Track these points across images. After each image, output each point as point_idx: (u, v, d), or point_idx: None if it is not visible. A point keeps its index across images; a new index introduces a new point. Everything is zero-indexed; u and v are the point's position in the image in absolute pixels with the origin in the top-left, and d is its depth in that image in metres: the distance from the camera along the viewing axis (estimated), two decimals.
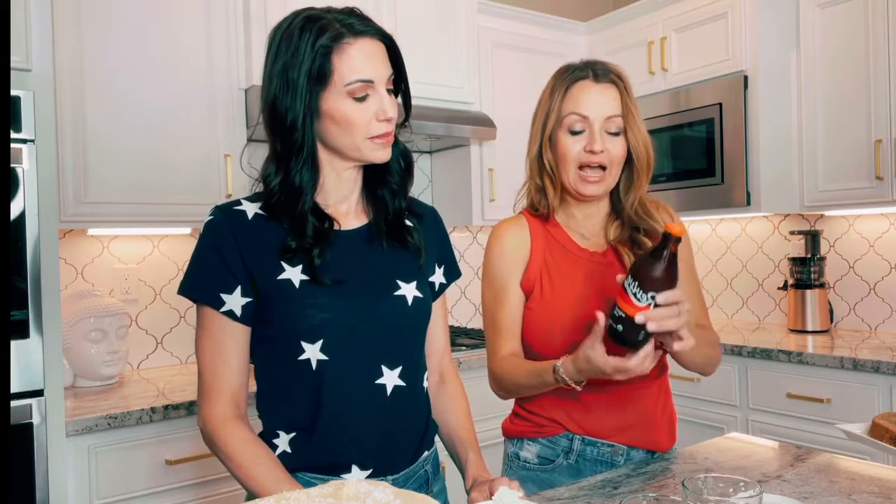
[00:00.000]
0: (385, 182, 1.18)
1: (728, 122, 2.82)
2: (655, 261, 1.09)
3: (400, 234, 1.18)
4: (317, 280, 1.07)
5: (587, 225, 1.40)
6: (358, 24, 1.07)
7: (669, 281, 1.09)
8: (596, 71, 1.33)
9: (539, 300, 1.36)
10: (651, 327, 1.08)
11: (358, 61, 1.05)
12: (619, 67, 1.36)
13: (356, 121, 1.06)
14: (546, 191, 1.38)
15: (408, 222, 1.20)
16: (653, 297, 1.08)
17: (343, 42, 1.05)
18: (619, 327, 1.12)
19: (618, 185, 1.38)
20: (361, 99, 1.06)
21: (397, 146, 1.18)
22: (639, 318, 1.09)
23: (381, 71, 1.07)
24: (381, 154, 1.11)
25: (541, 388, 1.30)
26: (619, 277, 1.15)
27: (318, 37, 1.05)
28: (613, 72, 1.34)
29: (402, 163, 1.19)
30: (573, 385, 1.22)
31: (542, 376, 1.26)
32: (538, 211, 1.41)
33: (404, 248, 1.18)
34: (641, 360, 1.13)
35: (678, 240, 1.08)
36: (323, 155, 1.12)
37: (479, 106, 2.93)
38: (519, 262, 1.39)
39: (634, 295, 1.09)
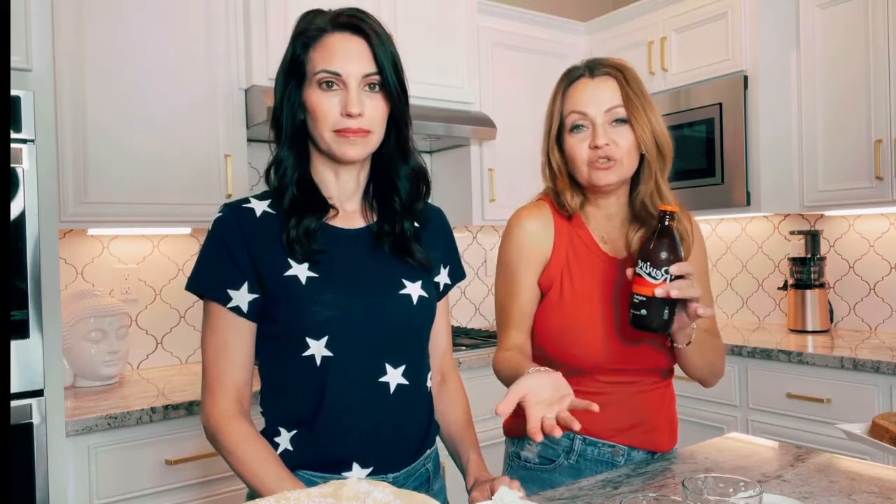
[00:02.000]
0: (393, 196, 1.19)
1: (728, 122, 2.82)
2: (660, 238, 1.16)
3: (404, 249, 1.17)
4: (319, 267, 1.09)
5: (607, 227, 1.38)
6: (344, 20, 1.11)
7: (677, 255, 1.16)
8: (593, 67, 1.32)
9: (558, 301, 1.33)
10: (674, 294, 1.12)
11: (328, 53, 1.09)
12: (621, 60, 1.34)
13: (320, 111, 1.09)
14: (562, 195, 1.35)
15: (415, 224, 1.20)
16: (666, 272, 1.14)
17: (323, 34, 1.10)
18: (643, 312, 1.16)
19: (637, 184, 1.34)
20: (329, 90, 1.09)
21: (408, 163, 1.19)
22: (659, 292, 1.13)
23: (353, 67, 1.09)
24: (348, 151, 1.10)
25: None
26: (629, 270, 1.19)
27: (304, 30, 1.12)
28: (611, 65, 1.31)
29: (411, 182, 1.19)
30: None
31: (515, 376, 1.22)
32: (561, 210, 1.37)
33: (410, 258, 1.18)
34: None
35: (673, 215, 1.16)
36: (313, 148, 1.15)
37: (479, 106, 2.93)
38: (538, 258, 1.35)
39: (649, 275, 1.15)
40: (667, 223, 1.16)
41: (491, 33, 3.04)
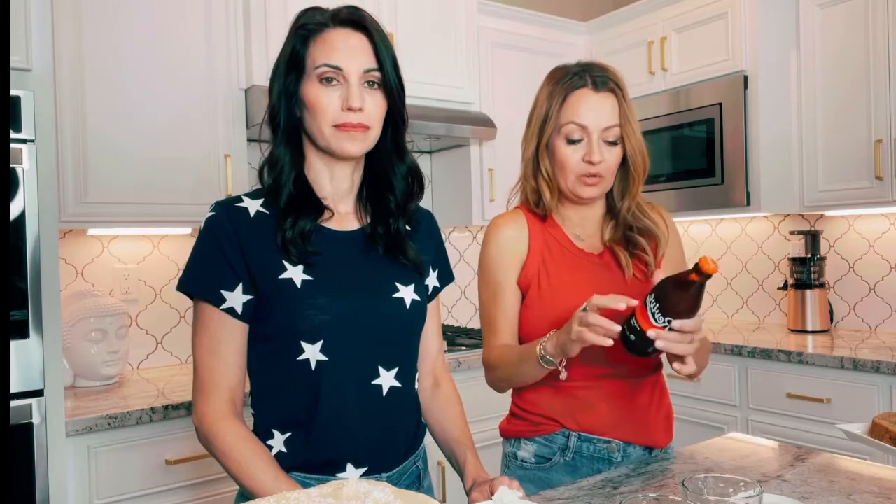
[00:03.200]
0: (388, 196, 1.18)
1: (728, 122, 2.82)
2: (679, 289, 1.10)
3: (397, 250, 1.18)
4: (314, 270, 1.08)
5: (583, 225, 1.42)
6: (344, 15, 1.10)
7: (689, 311, 1.11)
8: (595, 79, 1.33)
9: (537, 299, 1.37)
10: (659, 345, 1.12)
11: (329, 47, 1.09)
12: (616, 71, 1.37)
13: (321, 105, 1.08)
14: (542, 193, 1.39)
15: (407, 227, 1.21)
16: (668, 322, 1.12)
17: (323, 29, 1.10)
18: (632, 337, 1.16)
19: (612, 188, 1.40)
20: (330, 85, 1.08)
21: (404, 162, 1.19)
22: (650, 334, 1.12)
23: (354, 62, 1.08)
24: (348, 146, 1.10)
25: (524, 368, 1.29)
26: (647, 290, 1.16)
27: (304, 24, 1.10)
28: (612, 79, 1.34)
29: (407, 181, 1.19)
30: (549, 362, 1.21)
31: (526, 352, 1.27)
32: (536, 209, 1.41)
33: (403, 259, 1.18)
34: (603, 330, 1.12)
35: (708, 276, 1.07)
36: (309, 146, 1.15)
37: (479, 106, 2.93)
38: (516, 261, 1.39)
39: (653, 314, 1.13)
40: (694, 280, 1.08)
41: (491, 33, 3.04)
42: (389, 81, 1.11)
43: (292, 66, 1.10)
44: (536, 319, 1.37)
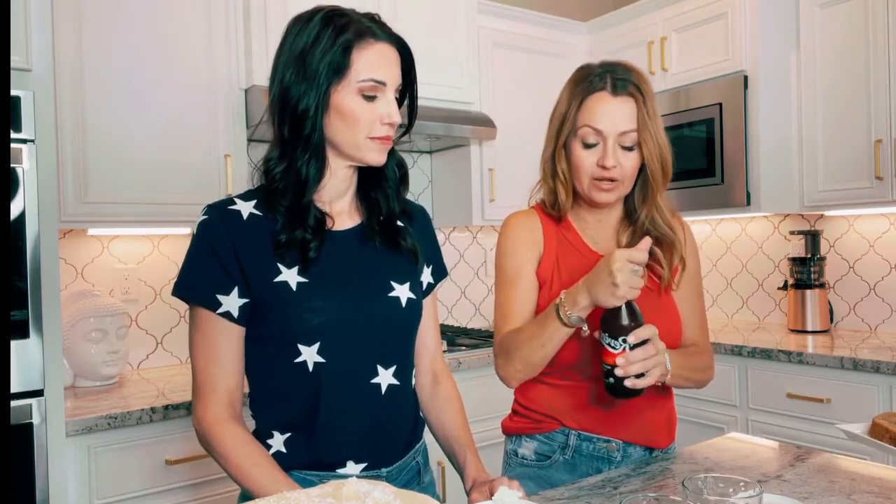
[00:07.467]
0: (379, 187, 1.19)
1: (728, 122, 2.82)
2: (615, 308, 1.18)
3: (393, 238, 1.18)
4: (309, 272, 1.08)
5: (599, 229, 1.41)
6: (378, 29, 1.10)
7: (635, 322, 1.18)
8: (615, 82, 1.30)
9: (549, 301, 1.35)
10: (618, 372, 1.17)
11: (375, 61, 1.08)
12: (641, 73, 1.33)
13: (361, 118, 1.08)
14: (558, 194, 1.37)
15: (400, 223, 1.21)
16: (624, 341, 1.17)
17: (364, 41, 1.07)
18: (611, 380, 1.20)
19: (633, 193, 1.37)
20: (370, 98, 1.08)
21: (394, 156, 1.19)
22: (620, 361, 1.17)
23: (393, 77, 1.10)
24: (377, 157, 1.11)
25: (542, 337, 1.25)
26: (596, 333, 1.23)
27: (342, 31, 1.07)
28: (633, 81, 1.30)
29: (397, 172, 1.20)
30: (573, 319, 1.20)
31: (545, 318, 1.25)
32: (551, 211, 1.40)
33: (398, 251, 1.18)
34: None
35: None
36: (330, 154, 1.12)
37: (479, 106, 2.93)
38: (533, 250, 1.38)
39: (609, 345, 1.18)
40: None
41: (491, 33, 3.04)
42: (413, 93, 1.15)
43: (336, 72, 1.06)
44: None
